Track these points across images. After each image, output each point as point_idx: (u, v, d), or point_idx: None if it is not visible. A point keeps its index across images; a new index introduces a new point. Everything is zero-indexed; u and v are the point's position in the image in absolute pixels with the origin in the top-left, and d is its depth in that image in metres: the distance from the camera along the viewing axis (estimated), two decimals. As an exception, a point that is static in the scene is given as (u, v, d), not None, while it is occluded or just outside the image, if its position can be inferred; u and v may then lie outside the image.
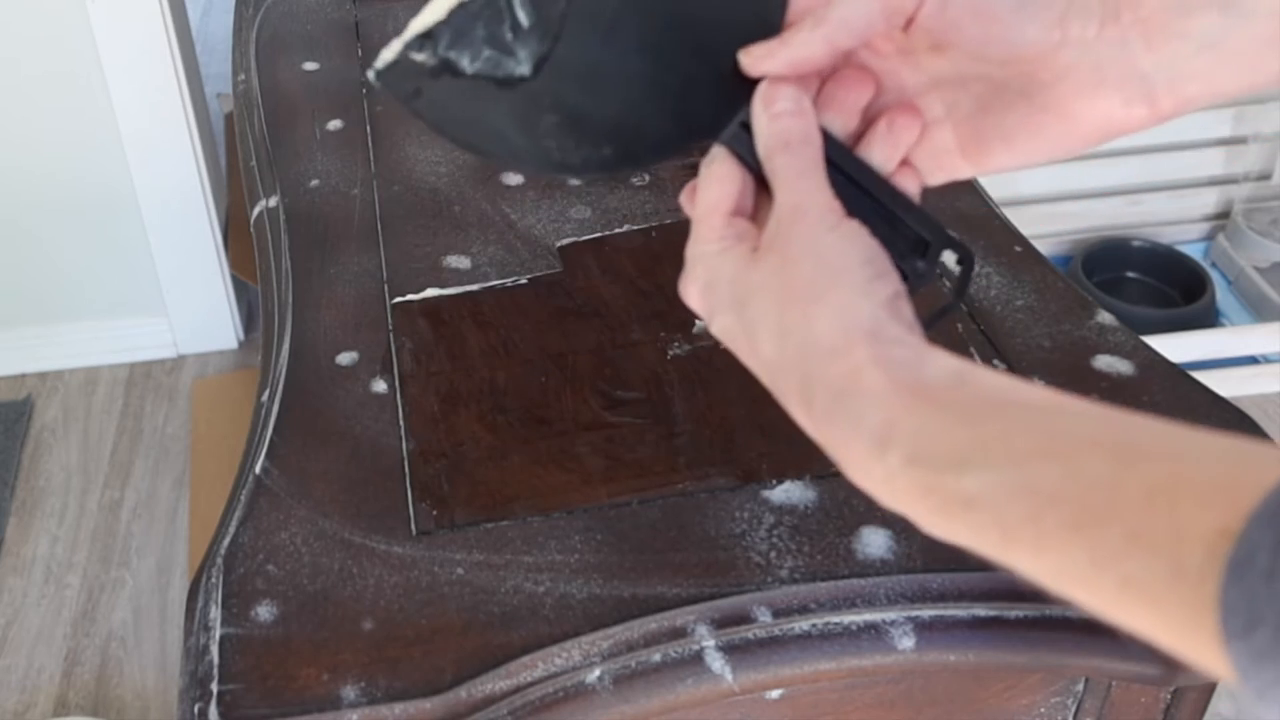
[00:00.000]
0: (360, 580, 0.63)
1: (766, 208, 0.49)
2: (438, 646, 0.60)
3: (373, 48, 1.11)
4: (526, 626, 0.61)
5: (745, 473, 0.69)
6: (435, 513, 0.67)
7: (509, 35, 0.47)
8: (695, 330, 0.79)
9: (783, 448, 0.70)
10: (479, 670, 0.59)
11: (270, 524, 0.66)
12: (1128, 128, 0.50)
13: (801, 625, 0.61)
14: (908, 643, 0.61)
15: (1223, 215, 2.12)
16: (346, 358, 0.77)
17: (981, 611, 0.62)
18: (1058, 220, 2.04)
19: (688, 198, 0.51)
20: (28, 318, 2.01)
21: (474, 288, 0.83)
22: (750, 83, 0.49)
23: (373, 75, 0.47)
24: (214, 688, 0.58)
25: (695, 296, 0.51)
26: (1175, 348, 1.75)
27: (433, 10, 0.47)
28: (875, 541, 0.64)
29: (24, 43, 1.77)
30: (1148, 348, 0.77)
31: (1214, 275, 2.01)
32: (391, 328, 0.80)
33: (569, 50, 0.48)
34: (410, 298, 0.82)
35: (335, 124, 1.00)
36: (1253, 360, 1.89)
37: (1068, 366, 0.75)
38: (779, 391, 0.47)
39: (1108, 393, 0.73)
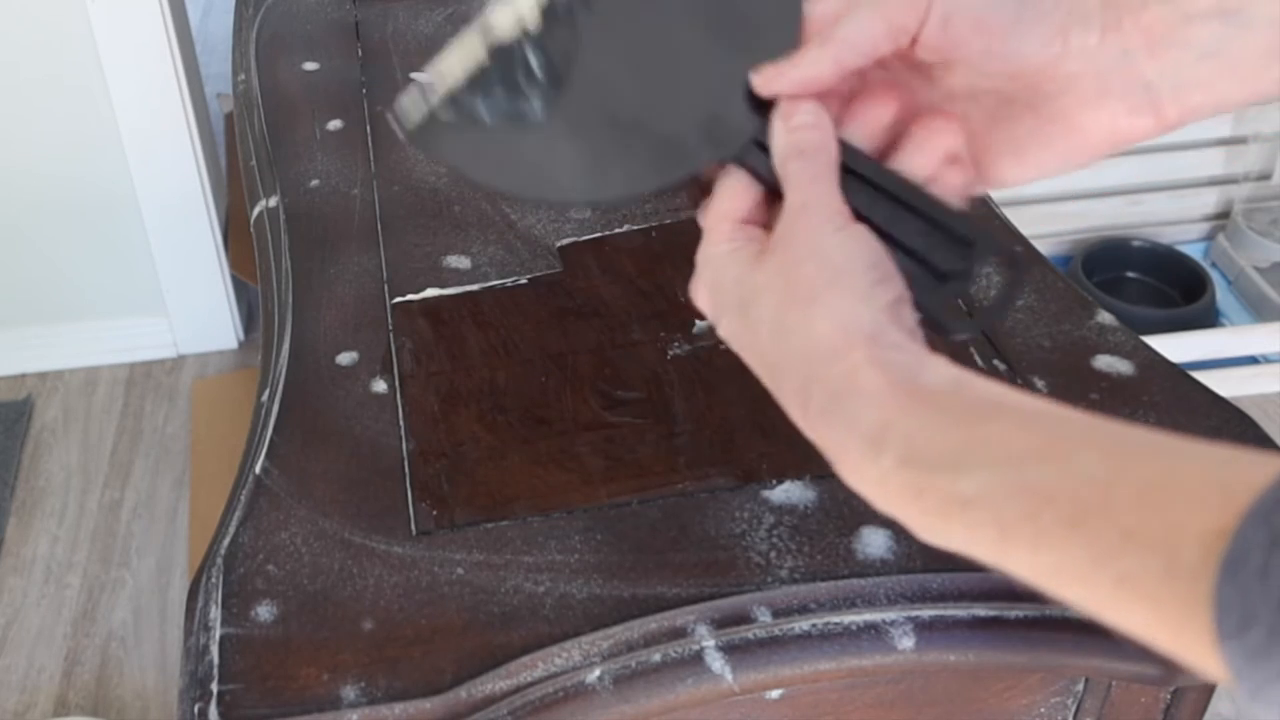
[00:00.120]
0: (360, 580, 0.63)
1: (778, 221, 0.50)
2: (438, 646, 0.60)
3: (373, 48, 1.12)
4: (526, 626, 0.61)
5: (745, 473, 0.69)
6: (435, 513, 0.67)
7: (523, 83, 0.49)
8: (695, 330, 0.79)
9: (783, 448, 0.70)
10: (479, 670, 0.59)
11: (270, 524, 0.66)
12: (1134, 137, 0.50)
13: (801, 625, 0.61)
14: (908, 643, 0.61)
15: (1223, 215, 2.12)
16: (346, 358, 0.77)
17: (981, 611, 0.62)
18: (1058, 220, 2.04)
19: (702, 213, 0.51)
20: (28, 318, 2.01)
21: (474, 288, 0.83)
22: (765, 104, 0.50)
23: (400, 132, 0.49)
24: (214, 688, 0.58)
25: (704, 298, 0.51)
26: (1175, 348, 1.75)
27: (452, 68, 0.49)
28: (875, 541, 0.64)
29: (24, 43, 1.77)
30: (1148, 348, 0.77)
31: (1214, 275, 2.01)
32: (391, 328, 0.80)
33: (582, 90, 0.49)
34: (410, 298, 0.82)
35: (335, 124, 1.00)
36: (1253, 360, 1.89)
37: (1068, 366, 0.75)
38: (778, 392, 0.47)
39: (1108, 393, 0.73)
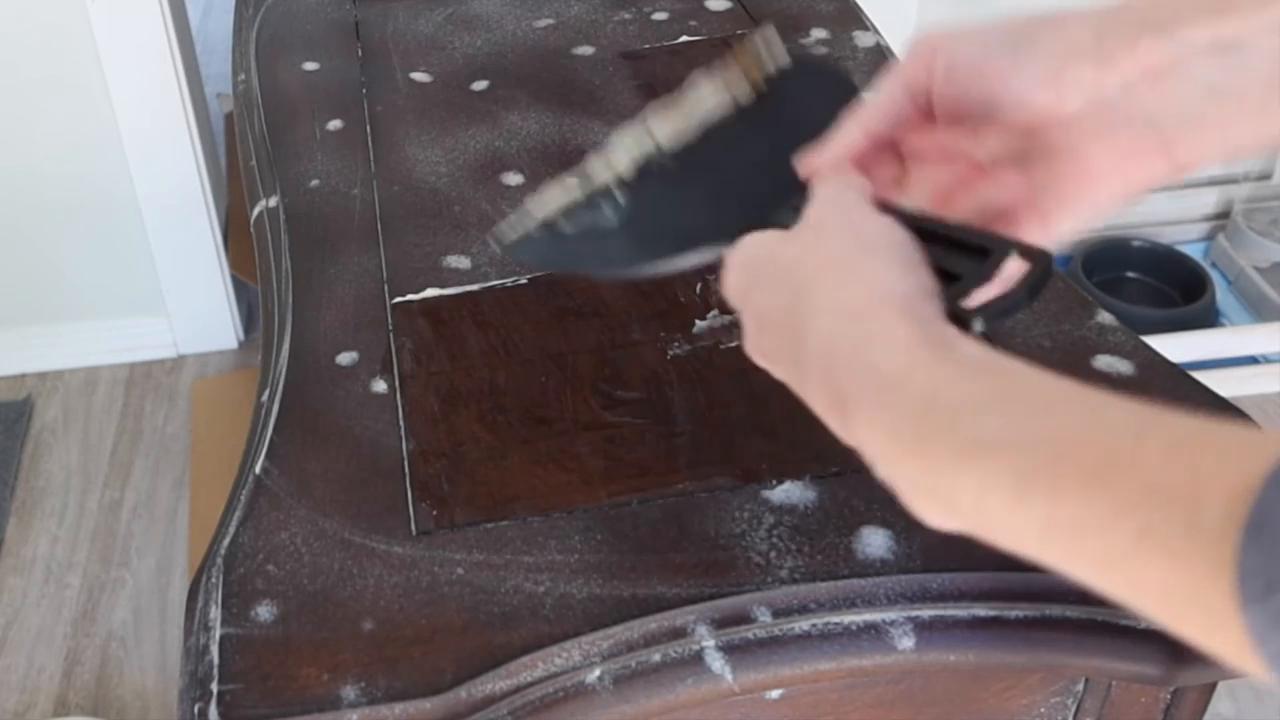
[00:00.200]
0: (360, 580, 0.63)
1: None
2: (438, 646, 0.60)
3: (373, 48, 1.12)
4: (526, 626, 0.61)
5: (745, 473, 0.69)
6: (435, 513, 0.67)
7: (608, 211, 0.58)
8: (695, 330, 0.79)
9: (783, 448, 0.70)
10: (479, 670, 0.59)
11: (270, 524, 0.66)
12: (1147, 178, 0.50)
13: (801, 625, 0.61)
14: (908, 643, 0.61)
15: (1223, 215, 2.12)
16: (346, 358, 0.77)
17: (981, 611, 0.62)
18: (1058, 220, 2.04)
19: None
20: (28, 318, 2.01)
21: (474, 288, 0.83)
22: (803, 184, 0.54)
23: (496, 246, 0.63)
24: (214, 688, 0.58)
25: (733, 278, 0.52)
26: (1175, 348, 1.75)
27: (549, 202, 0.58)
28: (875, 541, 0.64)
29: (24, 44, 1.77)
30: (1148, 348, 0.77)
31: (1214, 275, 2.01)
32: (391, 328, 0.80)
33: (654, 209, 0.57)
34: (410, 298, 0.82)
35: (335, 124, 1.00)
36: (1253, 360, 1.89)
37: (1068, 366, 0.75)
38: (800, 362, 0.47)
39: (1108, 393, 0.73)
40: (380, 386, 0.75)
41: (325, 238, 0.88)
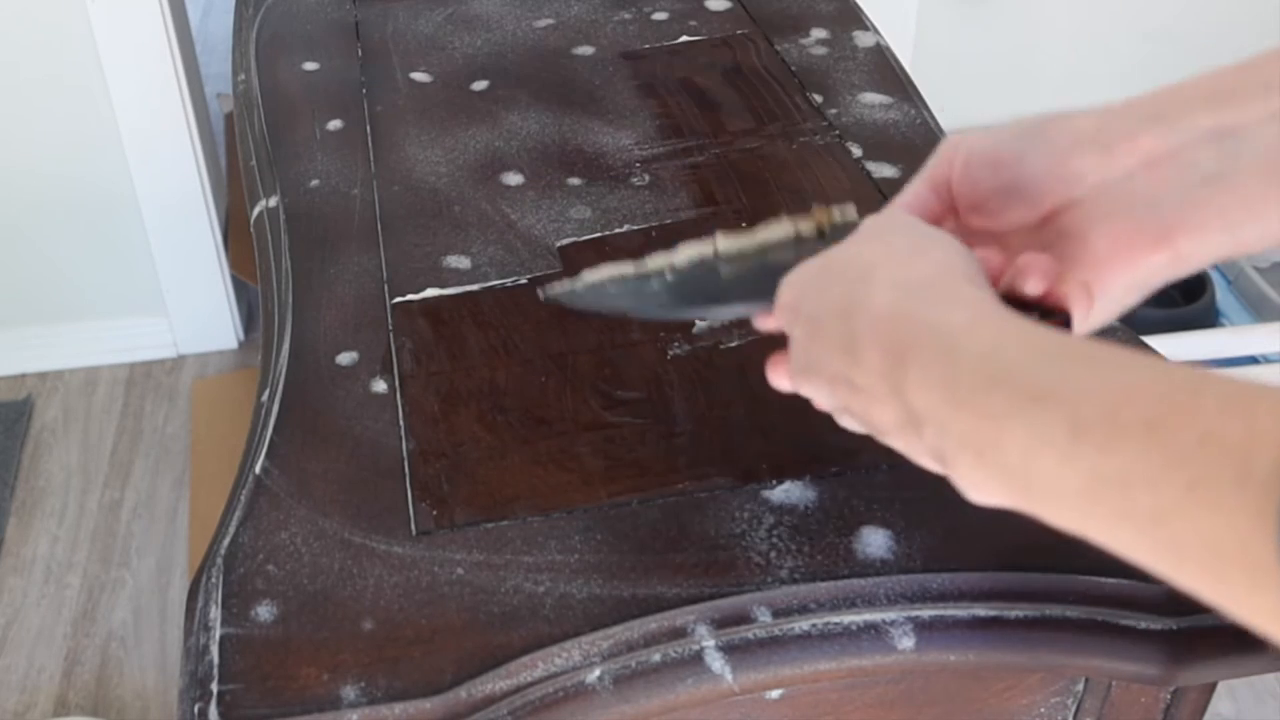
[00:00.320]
0: (360, 580, 0.63)
1: None
2: (438, 646, 0.60)
3: (373, 48, 1.12)
4: (526, 626, 0.61)
5: (745, 473, 0.69)
6: (435, 513, 0.67)
7: (655, 285, 0.62)
8: (695, 330, 0.79)
9: (783, 448, 0.70)
10: (479, 670, 0.59)
11: (270, 524, 0.66)
12: (1151, 269, 0.51)
13: (801, 625, 0.61)
14: (908, 643, 0.61)
15: (1223, 215, 2.11)
16: (346, 358, 0.77)
17: (981, 611, 0.62)
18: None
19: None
20: (28, 318, 2.01)
21: (474, 288, 0.83)
22: None
23: (541, 295, 0.68)
24: (214, 688, 0.58)
25: (784, 298, 0.54)
26: (1175, 348, 1.75)
27: (600, 274, 0.63)
28: (875, 541, 0.64)
29: (24, 44, 1.78)
30: (1148, 348, 0.77)
31: (1214, 275, 2.01)
32: (391, 328, 0.80)
33: (696, 281, 0.62)
34: (410, 298, 0.82)
35: (335, 124, 1.00)
36: (1253, 360, 1.89)
37: (1068, 366, 0.75)
38: (854, 340, 0.48)
39: (1108, 393, 0.73)
40: (380, 386, 0.75)
41: (325, 238, 0.88)
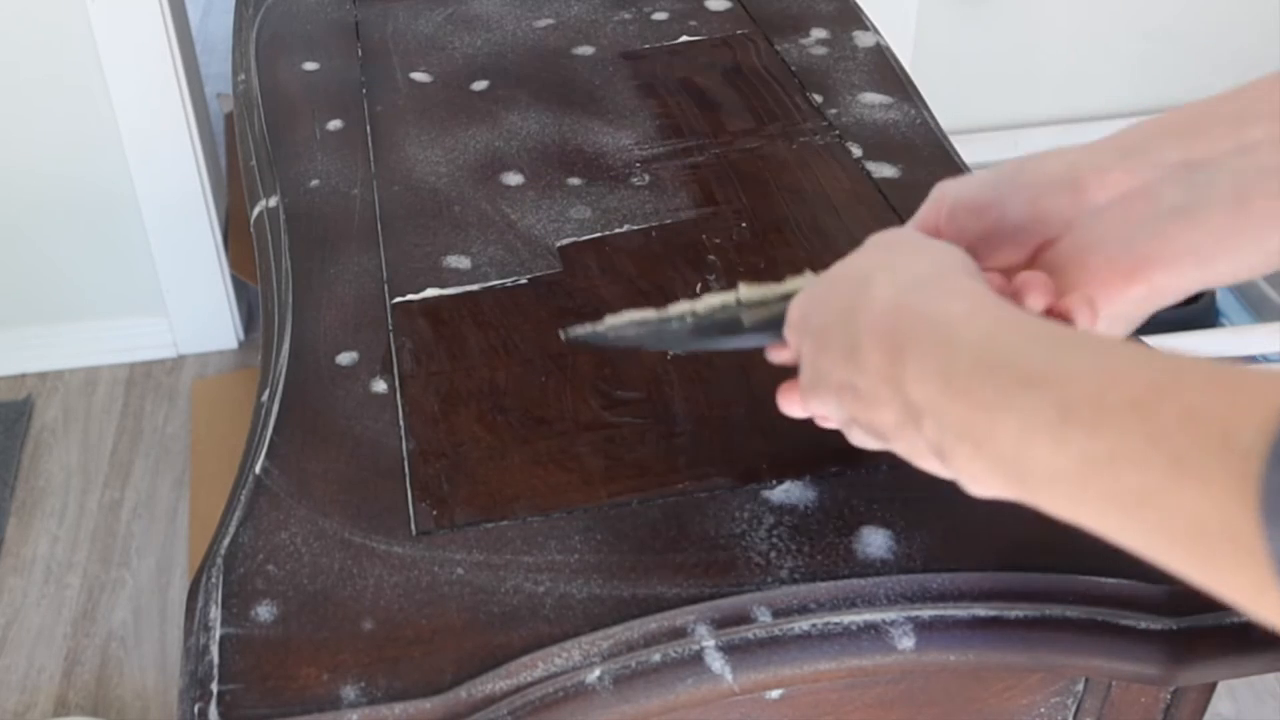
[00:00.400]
0: (360, 580, 0.63)
1: None
2: (438, 646, 0.60)
3: (373, 48, 1.12)
4: (526, 626, 0.61)
5: (745, 473, 0.69)
6: (435, 513, 0.67)
7: (673, 325, 0.65)
8: (695, 330, 0.79)
9: (783, 448, 0.70)
10: (479, 670, 0.59)
11: (270, 524, 0.66)
12: (1130, 299, 0.52)
13: (801, 625, 0.61)
14: (908, 643, 0.61)
15: (1223, 215, 2.11)
16: (346, 358, 0.77)
17: (981, 611, 0.62)
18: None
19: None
20: (28, 318, 2.01)
21: (474, 288, 0.83)
22: None
23: (563, 336, 0.70)
24: (214, 688, 0.58)
25: (793, 316, 0.56)
26: (1175, 348, 1.74)
27: (622, 319, 0.66)
28: (875, 541, 0.64)
29: (24, 44, 1.78)
30: (1146, 346, 0.77)
31: (1214, 275, 2.01)
32: (391, 328, 0.80)
33: (714, 323, 0.64)
34: (410, 298, 0.82)
35: (335, 124, 1.00)
36: (1253, 360, 1.89)
37: (1068, 366, 0.75)
38: (857, 343, 0.49)
39: (1108, 393, 0.73)
40: (380, 386, 0.75)
41: (325, 238, 0.88)
